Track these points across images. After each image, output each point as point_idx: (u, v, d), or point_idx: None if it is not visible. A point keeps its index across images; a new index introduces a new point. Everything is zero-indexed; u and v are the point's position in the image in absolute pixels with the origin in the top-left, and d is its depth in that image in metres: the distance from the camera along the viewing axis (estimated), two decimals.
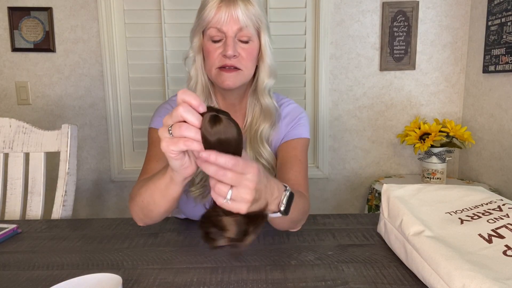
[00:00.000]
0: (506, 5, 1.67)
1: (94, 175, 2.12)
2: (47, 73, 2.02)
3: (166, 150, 0.51)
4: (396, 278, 0.61)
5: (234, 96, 0.91)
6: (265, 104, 0.91)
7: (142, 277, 0.63)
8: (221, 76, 0.83)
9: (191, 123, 0.48)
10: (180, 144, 0.49)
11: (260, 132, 0.90)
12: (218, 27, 0.81)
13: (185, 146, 0.49)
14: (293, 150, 0.91)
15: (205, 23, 0.83)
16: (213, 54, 0.83)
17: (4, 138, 1.10)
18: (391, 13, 1.97)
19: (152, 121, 0.93)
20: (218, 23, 0.81)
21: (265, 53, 0.88)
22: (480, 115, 1.91)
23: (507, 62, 1.66)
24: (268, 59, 0.88)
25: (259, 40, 0.87)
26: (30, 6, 1.96)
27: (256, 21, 0.84)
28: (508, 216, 0.60)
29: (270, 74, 0.90)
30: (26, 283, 0.61)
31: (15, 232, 0.83)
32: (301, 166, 0.89)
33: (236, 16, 0.80)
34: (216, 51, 0.83)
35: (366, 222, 0.87)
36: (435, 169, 1.79)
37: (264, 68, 0.89)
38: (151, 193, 0.67)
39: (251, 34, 0.83)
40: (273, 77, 0.91)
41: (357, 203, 2.16)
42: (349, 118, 2.08)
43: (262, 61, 0.89)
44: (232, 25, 0.81)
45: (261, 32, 0.86)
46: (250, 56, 0.85)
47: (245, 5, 0.81)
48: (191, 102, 0.49)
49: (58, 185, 1.08)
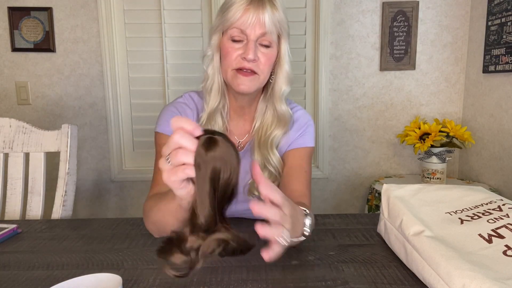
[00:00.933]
0: (506, 5, 1.67)
1: (94, 175, 2.12)
2: (47, 73, 2.02)
3: (168, 181, 0.50)
4: (396, 278, 0.61)
5: (246, 99, 0.90)
6: (281, 111, 0.90)
7: (142, 277, 0.63)
8: (237, 79, 0.82)
9: (186, 148, 0.48)
10: (179, 173, 0.48)
11: (271, 138, 0.89)
12: (243, 29, 0.80)
13: (184, 174, 0.48)
14: (299, 160, 0.91)
15: (229, 23, 0.81)
16: (232, 55, 0.82)
17: (4, 138, 1.10)
18: (391, 13, 1.97)
19: (157, 125, 0.92)
20: (243, 25, 0.79)
21: (284, 60, 0.87)
22: (480, 115, 1.91)
23: (507, 62, 1.66)
24: (287, 66, 0.88)
25: (279, 46, 0.86)
26: (30, 6, 1.96)
27: (279, 28, 0.83)
28: (508, 216, 0.60)
29: (287, 81, 0.89)
30: (26, 283, 0.61)
31: (15, 232, 0.83)
32: (306, 176, 0.89)
33: (263, 20, 0.79)
34: (235, 52, 0.81)
35: (366, 222, 0.87)
36: (435, 169, 1.79)
37: (282, 75, 0.88)
38: (162, 214, 0.68)
39: (272, 39, 0.82)
40: (290, 84, 0.90)
41: (357, 203, 2.16)
42: (349, 118, 2.08)
43: (280, 68, 0.88)
44: (257, 28, 0.79)
45: (282, 38, 0.85)
46: (269, 62, 0.84)
47: (272, 10, 0.80)
48: (184, 127, 0.48)
49: (58, 185, 1.08)
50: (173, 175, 0.49)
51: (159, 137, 0.90)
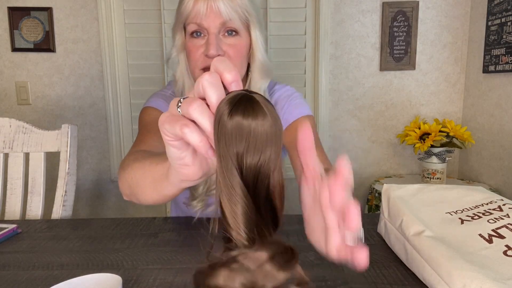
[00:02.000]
0: (506, 5, 1.67)
1: (94, 175, 2.12)
2: (47, 73, 2.02)
3: (160, 127, 0.36)
4: (396, 278, 0.61)
5: None
6: None
7: (142, 277, 0.63)
8: None
9: (210, 101, 0.33)
10: (177, 126, 0.34)
11: None
12: (198, 22, 0.71)
13: (181, 131, 0.33)
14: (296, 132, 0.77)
15: (183, 17, 0.74)
16: (195, 54, 0.73)
17: (4, 138, 1.10)
18: (391, 13, 1.97)
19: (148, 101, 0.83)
20: (197, 17, 0.71)
21: (256, 48, 0.77)
22: (480, 115, 1.91)
23: (507, 62, 1.66)
24: (260, 55, 0.77)
25: (250, 36, 0.76)
26: (30, 6, 1.96)
27: (243, 13, 0.73)
28: (509, 216, 0.60)
29: (263, 73, 0.79)
30: (26, 283, 0.61)
31: (15, 232, 0.83)
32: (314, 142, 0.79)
33: (216, 8, 0.69)
34: (198, 50, 0.73)
35: (366, 222, 0.87)
36: (435, 169, 1.79)
37: (256, 67, 0.78)
38: (142, 175, 0.54)
39: (238, 26, 0.72)
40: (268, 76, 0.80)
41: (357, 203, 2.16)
42: (349, 118, 2.08)
43: (253, 59, 0.78)
44: (214, 18, 0.70)
45: (250, 25, 0.75)
46: (239, 54, 0.74)
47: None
48: (223, 73, 0.33)
49: (58, 185, 1.08)
50: (168, 123, 0.35)
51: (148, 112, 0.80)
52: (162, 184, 0.47)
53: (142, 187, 0.54)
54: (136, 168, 0.56)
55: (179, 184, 0.44)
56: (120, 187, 0.64)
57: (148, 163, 0.53)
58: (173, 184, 0.44)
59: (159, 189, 0.49)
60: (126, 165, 0.62)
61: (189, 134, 0.33)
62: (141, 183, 0.54)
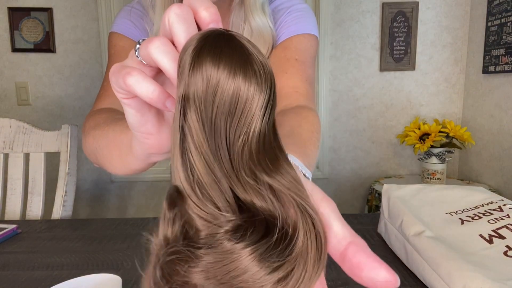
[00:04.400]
0: (505, 6, 1.67)
1: (94, 175, 2.12)
2: (47, 73, 2.02)
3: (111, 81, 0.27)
4: None
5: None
6: (257, 27, 0.63)
7: (142, 277, 0.63)
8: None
9: (177, 41, 0.24)
10: (120, 77, 0.25)
11: None
12: None
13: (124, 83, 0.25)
14: (284, 51, 0.64)
15: None
16: None
17: (4, 138, 1.10)
18: (391, 14, 1.97)
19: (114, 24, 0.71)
20: None
21: None
22: (480, 115, 1.91)
23: (507, 62, 1.66)
24: None
25: None
26: (30, 6, 1.96)
27: None
28: (509, 216, 0.60)
29: None
30: (26, 283, 0.61)
31: (15, 232, 0.83)
32: (299, 66, 0.62)
33: None
34: None
35: (366, 222, 0.87)
36: (435, 170, 1.79)
37: None
38: (107, 146, 0.44)
39: None
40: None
41: (357, 204, 2.16)
42: (349, 119, 2.08)
43: None
44: None
45: None
46: None
47: None
48: (199, 10, 0.24)
49: (58, 185, 1.08)
50: (115, 73, 0.26)
51: (112, 41, 0.69)
52: (128, 158, 0.38)
53: (109, 159, 0.44)
54: (99, 136, 0.47)
55: (146, 158, 0.34)
56: (85, 151, 0.54)
57: (111, 131, 0.44)
58: (139, 158, 0.35)
59: (126, 164, 0.40)
60: (87, 130, 0.52)
61: (135, 84, 0.24)
62: (106, 154, 0.45)
